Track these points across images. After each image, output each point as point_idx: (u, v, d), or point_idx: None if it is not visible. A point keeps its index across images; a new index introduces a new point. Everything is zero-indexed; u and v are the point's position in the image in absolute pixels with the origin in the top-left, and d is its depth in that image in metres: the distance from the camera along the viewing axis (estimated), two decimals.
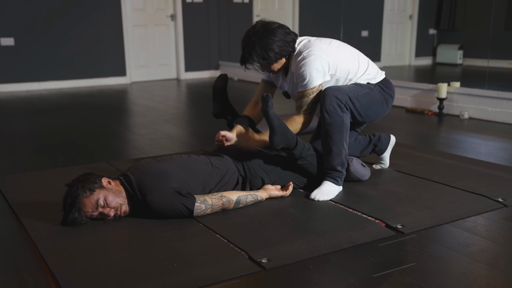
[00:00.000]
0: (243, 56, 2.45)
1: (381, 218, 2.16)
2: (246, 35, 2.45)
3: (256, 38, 2.39)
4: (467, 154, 3.30)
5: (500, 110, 4.39)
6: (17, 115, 4.94)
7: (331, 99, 2.38)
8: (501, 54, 7.29)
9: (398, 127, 4.24)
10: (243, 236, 1.99)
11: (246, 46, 2.42)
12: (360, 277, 1.70)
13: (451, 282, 1.66)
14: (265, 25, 2.43)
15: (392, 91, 2.62)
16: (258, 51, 2.39)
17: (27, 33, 6.49)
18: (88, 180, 2.11)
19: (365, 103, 2.48)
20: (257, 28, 2.43)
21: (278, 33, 2.40)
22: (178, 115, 5.01)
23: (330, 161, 2.43)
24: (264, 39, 2.38)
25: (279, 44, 2.40)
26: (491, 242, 1.97)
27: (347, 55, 2.51)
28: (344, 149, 2.42)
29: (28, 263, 1.85)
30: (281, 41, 2.40)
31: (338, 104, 2.38)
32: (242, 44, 2.45)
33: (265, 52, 2.39)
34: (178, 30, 7.64)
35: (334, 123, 2.38)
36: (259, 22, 2.46)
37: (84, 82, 6.99)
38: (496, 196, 2.42)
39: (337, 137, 2.40)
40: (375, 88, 2.54)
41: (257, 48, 2.39)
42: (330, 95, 2.39)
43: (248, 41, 2.41)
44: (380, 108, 2.57)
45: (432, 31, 9.27)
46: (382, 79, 2.61)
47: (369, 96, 2.50)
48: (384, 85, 2.58)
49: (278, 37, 2.40)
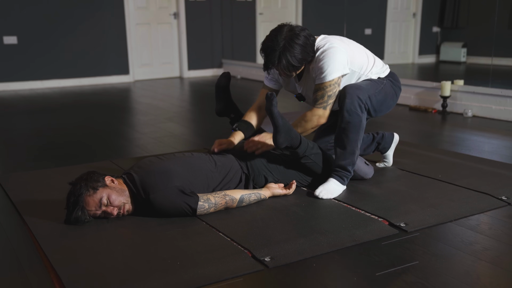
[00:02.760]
0: (270, 60, 2.32)
1: (384, 217, 2.16)
2: (272, 39, 2.32)
3: (286, 43, 2.28)
4: (471, 152, 3.28)
5: (504, 108, 4.37)
6: (21, 114, 4.95)
7: (353, 99, 2.34)
8: (505, 52, 7.25)
9: (401, 125, 4.23)
10: (246, 235, 1.99)
11: (273, 51, 2.29)
12: (364, 275, 1.70)
13: (454, 280, 1.65)
14: (292, 29, 2.32)
15: (399, 83, 2.63)
16: (288, 57, 2.28)
17: (30, 31, 6.50)
18: (92, 178, 2.11)
19: (380, 99, 2.47)
20: (284, 32, 2.30)
21: (304, 38, 2.32)
22: (181, 113, 5.01)
23: (341, 159, 2.42)
24: (294, 45, 2.28)
25: (306, 50, 2.32)
26: (495, 240, 1.96)
27: (358, 50, 2.50)
28: (357, 149, 2.42)
29: (32, 262, 1.85)
30: (307, 45, 2.33)
31: (359, 104, 2.35)
32: (268, 47, 2.32)
33: (295, 59, 2.30)
34: (181, 28, 7.64)
35: (353, 122, 2.36)
36: (285, 26, 2.35)
37: (87, 81, 7.00)
38: (500, 194, 2.41)
39: (353, 137, 2.38)
40: (386, 82, 2.54)
41: (287, 54, 2.28)
42: (352, 94, 2.35)
43: (276, 45, 2.29)
44: (392, 102, 2.57)
45: (436, 29, 9.24)
46: (389, 72, 2.61)
47: (384, 92, 2.49)
48: (392, 78, 2.59)
49: (305, 42, 2.31)
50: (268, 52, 2.32)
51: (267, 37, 2.36)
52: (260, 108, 2.65)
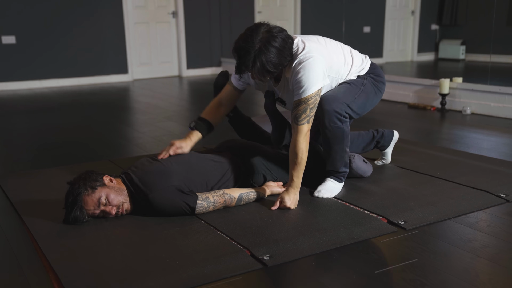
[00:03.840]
0: (244, 63, 2.12)
1: (383, 214, 2.16)
2: (247, 39, 2.10)
3: (262, 45, 2.09)
4: (469, 150, 3.28)
5: (502, 106, 4.37)
6: (19, 113, 4.95)
7: (331, 114, 2.26)
8: (503, 49, 7.25)
9: (400, 123, 4.23)
10: (245, 233, 1.99)
11: (247, 54, 2.09)
12: (362, 273, 1.70)
13: (453, 278, 1.65)
14: (269, 31, 2.12)
15: (382, 77, 2.52)
16: (264, 62, 2.10)
17: (28, 31, 6.49)
18: (90, 178, 2.11)
19: (361, 102, 2.39)
20: (260, 33, 2.10)
21: (281, 41, 2.13)
22: (180, 112, 5.01)
23: (332, 165, 2.40)
24: (270, 48, 2.09)
25: (283, 54, 2.14)
26: (493, 237, 1.96)
27: (334, 50, 2.35)
28: (346, 153, 2.39)
29: (30, 262, 1.85)
30: (285, 49, 2.14)
31: (338, 118, 2.28)
32: (242, 49, 2.11)
33: (271, 64, 2.12)
34: (179, 27, 7.63)
35: (335, 135, 2.32)
36: (262, 25, 2.15)
37: (86, 80, 6.99)
38: (499, 191, 2.41)
39: (339, 147, 2.35)
40: (367, 81, 2.43)
41: (263, 58, 2.09)
42: (329, 110, 2.26)
43: (251, 47, 2.08)
44: (375, 99, 2.49)
45: (434, 27, 9.23)
46: (370, 67, 2.48)
47: (365, 93, 2.40)
48: (373, 74, 2.48)
49: (282, 45, 2.13)
50: (241, 54, 2.11)
51: (241, 36, 2.14)
52: (220, 105, 2.52)
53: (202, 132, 2.47)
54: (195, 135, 2.45)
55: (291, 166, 2.24)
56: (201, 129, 2.46)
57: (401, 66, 8.31)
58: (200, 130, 2.46)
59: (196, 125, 2.46)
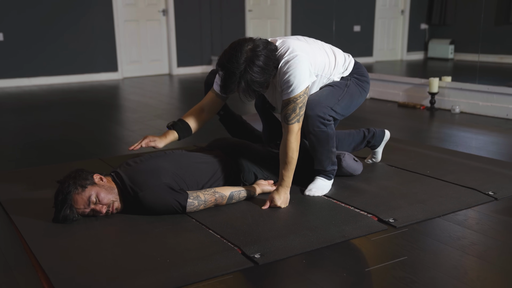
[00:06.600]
0: (228, 85, 2.12)
1: (373, 213, 2.17)
2: (232, 59, 2.08)
3: (246, 66, 2.08)
4: (458, 148, 3.31)
5: (490, 104, 4.41)
6: (7, 111, 4.90)
7: (314, 120, 2.27)
8: (491, 49, 7.32)
9: (390, 121, 4.25)
10: (236, 232, 1.99)
11: (232, 75, 2.09)
12: (353, 271, 1.71)
13: (442, 275, 1.67)
14: (253, 49, 2.10)
15: (366, 76, 2.51)
16: (249, 82, 2.10)
17: (16, 28, 6.42)
18: (80, 176, 2.10)
19: (345, 104, 2.39)
20: (244, 52, 2.09)
21: (265, 59, 2.11)
22: (171, 110, 4.99)
23: (321, 165, 2.41)
24: (254, 68, 2.08)
25: (268, 71, 2.13)
26: (482, 235, 1.98)
27: (317, 49, 2.34)
28: (333, 153, 2.40)
29: (19, 262, 1.83)
30: (269, 66, 2.13)
31: (321, 122, 2.28)
32: (227, 70, 2.10)
33: (257, 84, 2.12)
34: (170, 25, 7.60)
35: (320, 139, 2.32)
36: (246, 43, 2.13)
37: (75, 78, 6.94)
38: (487, 189, 2.44)
39: (324, 149, 2.36)
40: (350, 82, 2.43)
41: (248, 79, 2.09)
42: (311, 116, 2.26)
43: (236, 68, 2.08)
44: (360, 99, 2.49)
45: (424, 26, 9.29)
46: (354, 66, 2.47)
47: (348, 94, 2.40)
48: (357, 74, 2.47)
49: (266, 63, 2.12)
50: (226, 76, 2.11)
51: (225, 53, 2.14)
52: (202, 111, 2.44)
53: (179, 133, 2.40)
54: (171, 135, 2.39)
55: (282, 165, 2.24)
56: (178, 130, 2.40)
57: (391, 65, 8.36)
58: (178, 131, 2.40)
59: (175, 125, 2.41)
